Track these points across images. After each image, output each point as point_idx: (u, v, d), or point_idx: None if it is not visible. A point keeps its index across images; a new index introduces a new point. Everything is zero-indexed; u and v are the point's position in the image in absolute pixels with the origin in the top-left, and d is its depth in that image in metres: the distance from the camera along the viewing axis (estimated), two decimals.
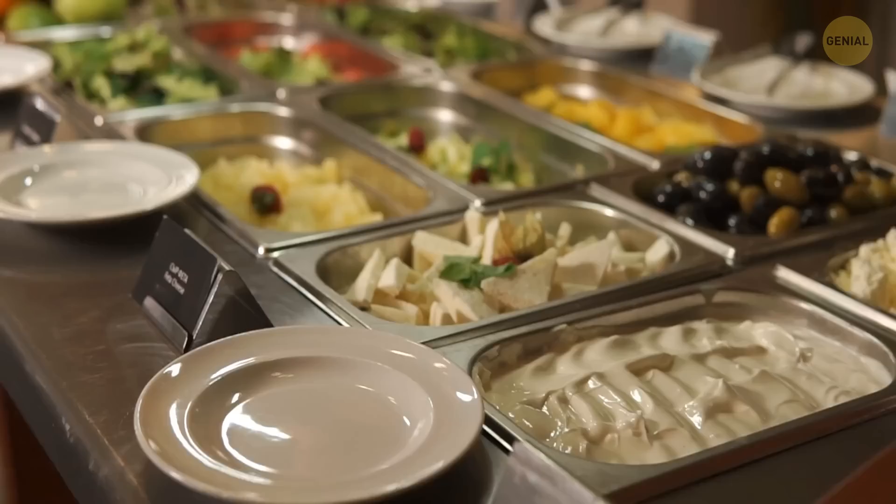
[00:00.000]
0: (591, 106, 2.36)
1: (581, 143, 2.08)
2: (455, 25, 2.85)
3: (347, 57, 2.73)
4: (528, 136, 2.19)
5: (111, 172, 1.80)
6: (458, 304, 1.45)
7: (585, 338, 1.41)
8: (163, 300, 1.40)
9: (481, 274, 1.49)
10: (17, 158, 1.80)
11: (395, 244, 1.65)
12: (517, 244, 1.57)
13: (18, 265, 1.59)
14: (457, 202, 1.76)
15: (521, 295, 1.47)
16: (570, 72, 2.55)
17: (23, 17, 2.73)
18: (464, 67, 2.51)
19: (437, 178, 1.86)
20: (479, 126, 2.30)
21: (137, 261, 1.56)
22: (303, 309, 1.46)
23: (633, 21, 2.82)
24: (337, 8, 2.99)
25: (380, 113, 2.35)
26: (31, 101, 1.96)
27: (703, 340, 1.41)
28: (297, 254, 1.58)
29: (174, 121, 2.13)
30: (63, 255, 1.60)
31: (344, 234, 1.64)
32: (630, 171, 1.91)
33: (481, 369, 1.31)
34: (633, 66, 2.56)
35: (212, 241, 1.59)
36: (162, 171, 1.77)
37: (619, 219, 1.73)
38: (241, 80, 2.34)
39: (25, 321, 1.41)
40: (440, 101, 2.36)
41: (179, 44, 2.58)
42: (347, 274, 1.60)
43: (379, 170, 1.97)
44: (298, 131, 2.17)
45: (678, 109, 2.35)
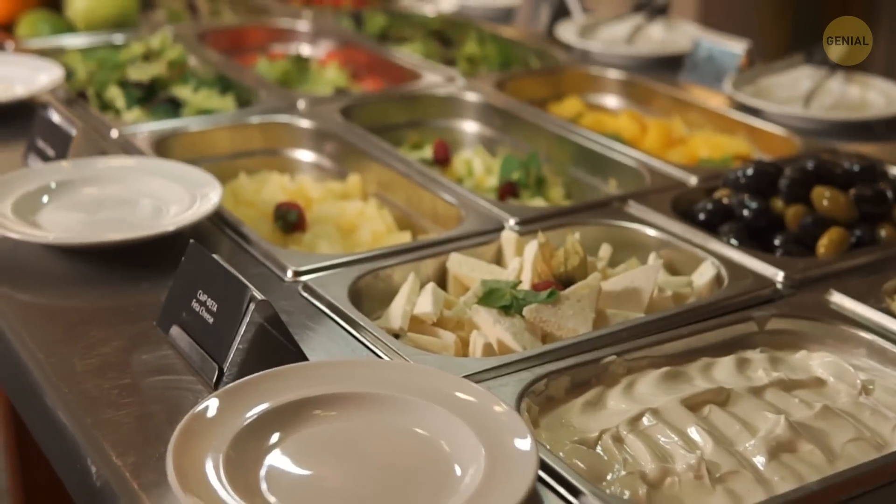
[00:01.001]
0: (620, 116, 2.29)
1: (613, 156, 2.01)
2: (475, 32, 2.78)
3: (365, 64, 2.66)
4: (556, 149, 2.12)
5: (131, 190, 1.72)
6: (499, 332, 1.38)
7: (635, 369, 1.34)
8: (190, 329, 1.33)
9: (522, 300, 1.42)
10: (32, 175, 1.73)
11: (428, 266, 1.58)
12: (558, 268, 1.50)
13: (35, 288, 1.51)
14: (490, 221, 1.69)
15: (564, 322, 1.40)
16: (596, 80, 2.48)
17: (32, 24, 2.65)
18: (487, 76, 2.44)
19: (467, 195, 1.79)
20: (505, 137, 2.23)
21: (159, 284, 1.50)
22: (335, 337, 1.39)
23: (658, 27, 2.75)
24: (353, 14, 2.92)
25: (402, 124, 2.28)
26: (45, 114, 1.89)
27: (758, 372, 1.34)
28: (327, 278, 1.51)
29: (191, 133, 2.06)
30: (82, 278, 1.53)
31: (375, 255, 1.57)
32: (668, 187, 1.84)
33: (529, 405, 1.24)
34: (660, 75, 2.49)
35: (237, 264, 1.53)
36: (183, 188, 1.70)
37: (661, 239, 1.66)
38: (259, 90, 2.27)
39: (46, 351, 1.34)
40: (464, 111, 2.29)
41: (193, 51, 2.50)
42: (380, 298, 1.53)
43: (405, 185, 1.90)
44: (320, 144, 2.10)
45: (710, 120, 2.28)
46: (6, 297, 1.48)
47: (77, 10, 2.65)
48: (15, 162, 1.91)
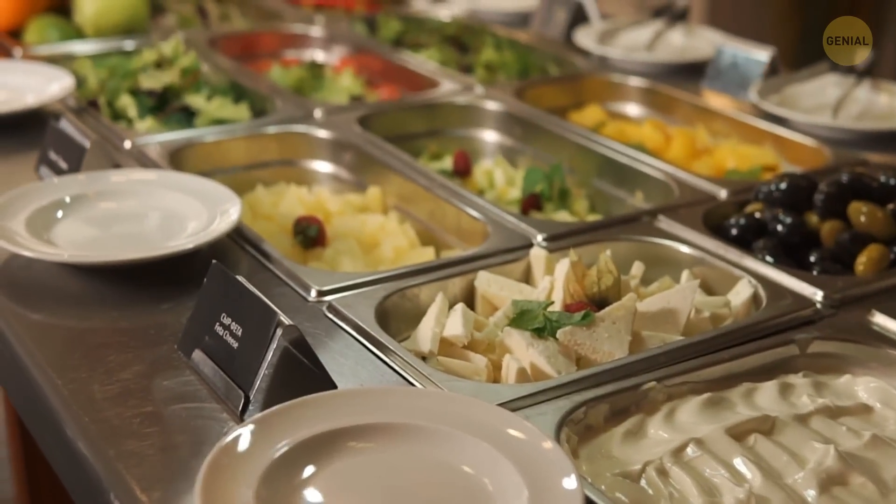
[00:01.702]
0: (644, 126, 2.24)
1: (639, 167, 1.96)
2: (491, 38, 2.73)
3: (380, 71, 2.61)
4: (579, 159, 2.07)
5: (147, 204, 1.68)
6: (532, 356, 1.33)
7: (675, 396, 1.29)
8: (214, 354, 1.28)
9: (556, 322, 1.37)
10: (46, 189, 1.68)
11: (455, 285, 1.53)
12: (591, 287, 1.45)
13: (51, 308, 1.46)
14: (517, 237, 1.64)
15: (600, 346, 1.36)
16: (617, 88, 2.43)
17: (40, 30, 2.60)
18: (506, 84, 2.39)
19: (492, 209, 1.74)
20: (526, 148, 2.18)
21: (179, 303, 1.45)
22: (362, 361, 1.34)
23: (678, 33, 2.70)
24: (367, 19, 2.87)
25: (420, 133, 2.23)
26: (57, 125, 1.84)
27: (802, 398, 1.29)
28: (352, 298, 1.46)
29: (207, 144, 2.01)
30: (98, 297, 1.48)
31: (401, 274, 1.52)
32: (698, 201, 1.79)
33: (569, 435, 1.19)
34: (682, 82, 2.44)
35: (258, 283, 1.48)
36: (201, 203, 1.65)
37: (695, 256, 1.61)
38: (274, 98, 2.22)
39: (64, 377, 1.29)
40: (484, 120, 2.24)
41: (205, 57, 2.45)
42: (407, 318, 1.48)
43: (427, 198, 1.85)
44: (338, 154, 2.05)
45: (735, 130, 2.23)
46: (21, 318, 1.44)
47: (86, 15, 2.59)
48: (27, 174, 1.86)
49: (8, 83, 2.21)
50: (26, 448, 3.24)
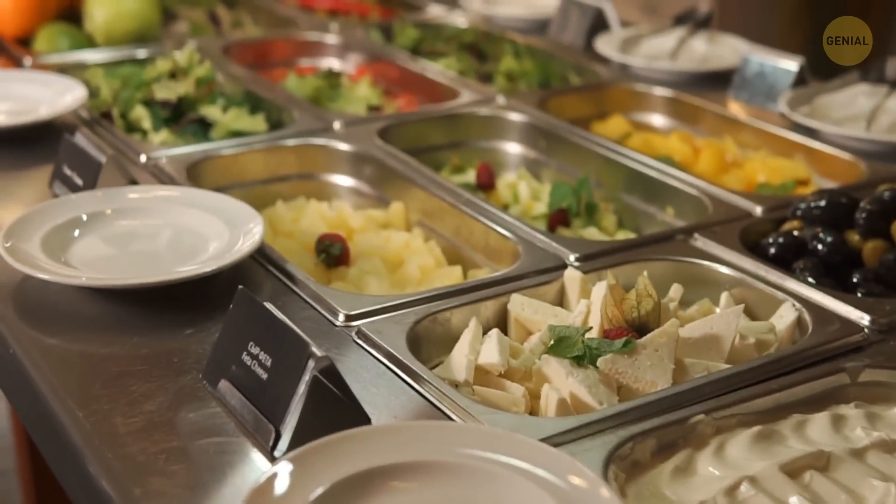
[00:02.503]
0: (671, 138, 2.18)
1: (669, 181, 1.91)
2: (509, 45, 2.67)
3: (397, 80, 2.55)
4: (606, 173, 2.02)
5: (166, 223, 1.62)
6: (572, 385, 1.28)
7: (724, 429, 1.23)
8: (241, 385, 1.22)
9: (596, 350, 1.31)
10: (61, 206, 1.62)
11: (488, 309, 1.47)
12: (630, 312, 1.40)
13: (68, 332, 1.41)
14: (548, 257, 1.59)
15: (642, 375, 1.30)
16: (642, 98, 2.38)
17: (50, 38, 2.55)
18: (528, 93, 2.33)
19: (521, 227, 1.69)
20: (550, 160, 2.13)
21: (202, 329, 1.40)
22: (395, 390, 1.28)
23: (701, 41, 2.64)
24: (382, 26, 2.81)
25: (442, 145, 2.17)
26: (71, 139, 1.79)
27: (856, 431, 1.24)
28: (382, 323, 1.40)
29: (224, 157, 1.96)
30: (117, 322, 1.43)
31: (431, 296, 1.47)
32: (733, 218, 1.73)
33: (616, 472, 1.14)
34: (706, 91, 2.38)
35: (283, 306, 1.43)
36: (222, 221, 1.59)
37: (734, 277, 1.55)
38: (291, 109, 2.16)
39: (85, 409, 1.23)
40: (507, 132, 2.19)
41: (219, 66, 2.39)
42: (438, 343, 1.43)
43: (452, 214, 1.79)
44: (359, 168, 1.99)
45: (764, 141, 2.17)
46: (37, 343, 1.38)
47: (97, 23, 2.54)
48: (41, 190, 1.80)
49: (19, 94, 2.15)
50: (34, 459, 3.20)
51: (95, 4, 2.55)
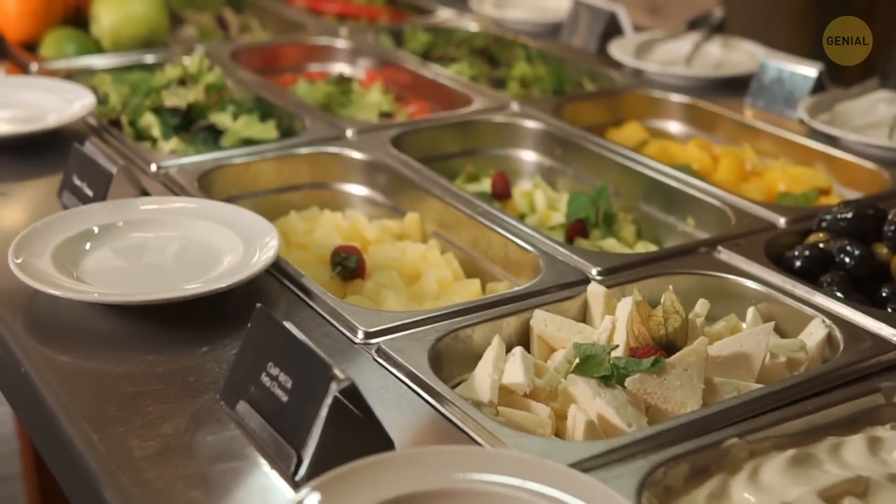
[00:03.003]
0: (689, 146, 2.15)
1: (689, 191, 1.87)
2: (521, 50, 2.63)
3: (408, 85, 2.51)
4: (624, 181, 1.98)
5: (179, 236, 1.59)
6: (599, 406, 1.24)
7: (758, 452, 1.20)
8: (260, 407, 1.19)
9: (624, 370, 1.28)
10: (72, 218, 1.59)
11: (510, 325, 1.44)
12: (657, 329, 1.36)
13: (81, 350, 1.37)
14: (570, 270, 1.55)
15: (671, 395, 1.27)
16: (658, 104, 2.34)
17: (57, 43, 2.51)
18: (542, 100, 2.29)
19: (540, 239, 1.65)
20: (567, 168, 2.09)
21: (217, 346, 1.36)
22: (417, 412, 1.25)
23: (715, 46, 2.61)
24: (393, 30, 2.78)
25: (456, 153, 2.14)
26: (81, 149, 1.75)
27: (893, 454, 1.20)
28: (402, 340, 1.37)
29: (236, 166, 1.92)
30: (131, 338, 1.39)
31: (452, 312, 1.43)
32: (756, 230, 1.70)
33: (649, 499, 1.10)
34: (722, 97, 2.35)
35: (299, 322, 1.40)
36: (236, 235, 1.56)
37: (761, 291, 1.52)
38: (302, 116, 2.13)
39: (100, 432, 1.20)
40: (522, 140, 2.15)
41: (228, 72, 2.35)
42: (459, 360, 1.39)
43: (469, 225, 1.76)
44: (372, 176, 1.96)
45: (783, 149, 2.14)
46: (49, 361, 1.34)
47: (104, 27, 2.50)
48: (49, 201, 1.77)
49: (26, 101, 2.12)
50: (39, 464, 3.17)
51: (102, 9, 2.52)
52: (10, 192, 1.83)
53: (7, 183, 1.87)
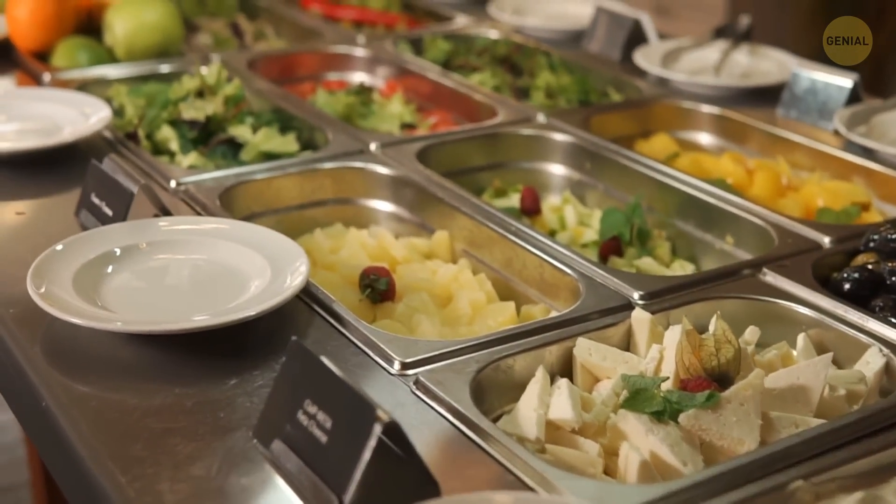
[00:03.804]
0: (723, 159, 2.08)
1: (725, 207, 1.81)
2: (544, 58, 2.57)
3: (429, 95, 2.45)
4: (657, 197, 1.92)
5: (204, 259, 1.52)
6: (652, 444, 1.18)
7: (823, 495, 1.13)
8: (297, 447, 1.13)
9: (677, 404, 1.22)
10: (93, 240, 1.53)
11: (552, 354, 1.38)
12: (709, 360, 1.30)
13: (103, 380, 1.31)
14: (611, 295, 1.49)
15: (728, 431, 1.20)
16: (687, 115, 2.27)
17: (69, 53, 2.44)
18: (569, 111, 2.23)
19: (576, 259, 1.59)
20: (597, 182, 2.03)
21: (247, 379, 1.30)
22: (461, 450, 1.19)
23: (742, 54, 2.54)
24: (412, 38, 2.71)
25: (482, 167, 2.07)
26: (99, 166, 1.69)
27: None
28: (441, 371, 1.30)
29: (258, 181, 1.86)
30: (155, 368, 1.33)
31: (491, 340, 1.37)
32: (801, 250, 1.64)
33: None
34: (751, 108, 2.28)
35: (332, 351, 1.34)
36: (263, 258, 1.50)
37: (812, 317, 1.45)
38: (324, 129, 2.06)
39: (128, 473, 1.13)
40: (550, 153, 2.08)
41: (245, 82, 2.28)
42: (500, 391, 1.33)
43: (502, 244, 1.70)
44: (398, 192, 1.90)
45: (819, 162, 2.07)
46: (72, 394, 1.28)
47: (117, 36, 2.43)
48: (67, 220, 1.70)
49: (41, 114, 2.05)
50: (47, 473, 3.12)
51: (116, 17, 2.45)
52: (26, 210, 1.77)
53: (23, 201, 1.81)
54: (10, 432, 3.74)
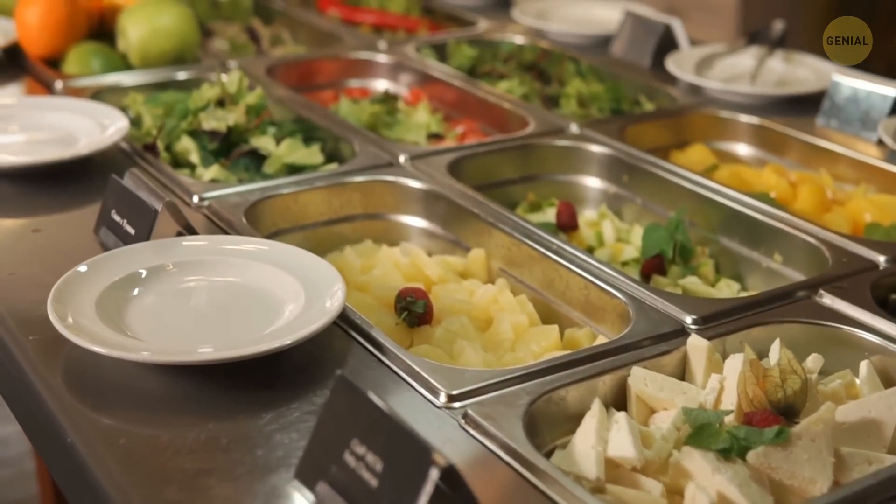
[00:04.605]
0: (765, 171, 2.01)
1: (772, 223, 1.73)
2: (572, 65, 2.49)
3: (454, 103, 2.37)
4: (699, 211, 1.84)
5: (235, 281, 1.45)
6: (720, 484, 1.11)
7: None
8: (345, 490, 1.05)
9: (744, 441, 1.14)
10: (116, 260, 1.45)
11: (605, 384, 1.30)
12: (774, 393, 1.22)
13: (130, 413, 1.24)
14: (663, 319, 1.42)
15: (799, 470, 1.13)
16: (725, 125, 2.20)
17: (81, 59, 2.37)
18: (602, 121, 2.15)
19: (622, 280, 1.51)
20: (634, 196, 1.95)
21: (283, 413, 1.24)
22: (517, 491, 1.12)
23: (777, 61, 2.47)
24: (435, 44, 2.64)
25: (514, 179, 2.00)
26: (120, 181, 1.61)
27: None
28: (491, 404, 1.23)
29: (284, 196, 1.78)
30: (186, 400, 1.26)
31: (540, 369, 1.29)
32: (857, 270, 1.56)
33: None
34: (787, 117, 2.20)
35: (372, 381, 1.27)
36: (297, 279, 1.42)
37: (875, 343, 1.38)
38: (350, 140, 1.99)
39: None
40: (586, 165, 2.01)
41: (265, 90, 2.20)
42: (552, 425, 1.26)
43: (542, 263, 1.62)
44: (430, 207, 1.82)
45: (863, 174, 2.00)
46: (97, 429, 1.21)
47: (131, 41, 2.36)
48: (85, 238, 1.63)
49: (55, 124, 1.98)
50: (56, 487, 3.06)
51: (129, 21, 2.38)
52: (42, 227, 1.69)
53: (38, 217, 1.73)
54: (15, 445, 3.67)
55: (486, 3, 3.10)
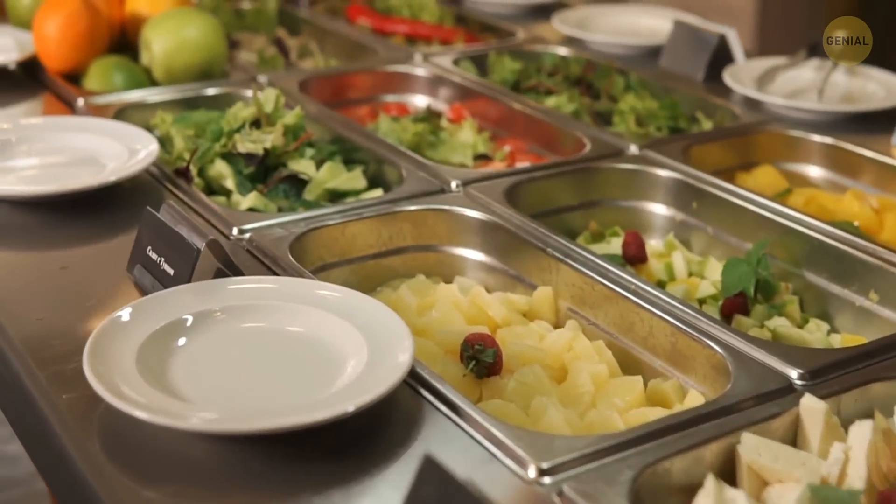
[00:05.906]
0: (846, 197, 1.86)
1: (864, 256, 1.58)
2: (621, 79, 2.35)
3: (498, 121, 2.23)
4: (778, 242, 1.69)
5: (288, 330, 1.30)
6: None
7: None
8: None
9: None
10: (157, 306, 1.30)
11: (712, 452, 1.15)
12: None
13: (174, 485, 1.10)
14: (765, 373, 1.27)
15: None
16: (795, 145, 2.05)
17: (103, 74, 2.22)
18: (663, 141, 2.00)
19: (713, 326, 1.37)
20: (705, 225, 1.80)
21: (351, 487, 1.09)
22: None
23: (839, 74, 2.32)
24: (474, 56, 2.49)
25: (574, 206, 1.85)
26: (156, 214, 1.47)
27: None
28: (588, 479, 1.08)
29: (330, 227, 1.63)
30: (236, 472, 1.11)
31: (637, 437, 1.15)
32: None
33: None
34: (855, 135, 2.06)
35: (449, 449, 1.12)
36: (358, 330, 1.27)
37: None
38: (395, 162, 1.84)
39: None
40: (651, 190, 1.86)
41: (297, 105, 2.06)
42: (656, 499, 1.11)
43: (620, 305, 1.47)
44: (487, 239, 1.67)
45: None
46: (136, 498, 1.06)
47: (155, 55, 2.21)
48: (118, 277, 1.48)
49: (79, 147, 1.84)
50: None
51: (153, 33, 2.23)
52: (69, 263, 1.54)
53: (65, 250, 1.59)
54: (24, 464, 3.54)
55: (520, 12, 2.96)
